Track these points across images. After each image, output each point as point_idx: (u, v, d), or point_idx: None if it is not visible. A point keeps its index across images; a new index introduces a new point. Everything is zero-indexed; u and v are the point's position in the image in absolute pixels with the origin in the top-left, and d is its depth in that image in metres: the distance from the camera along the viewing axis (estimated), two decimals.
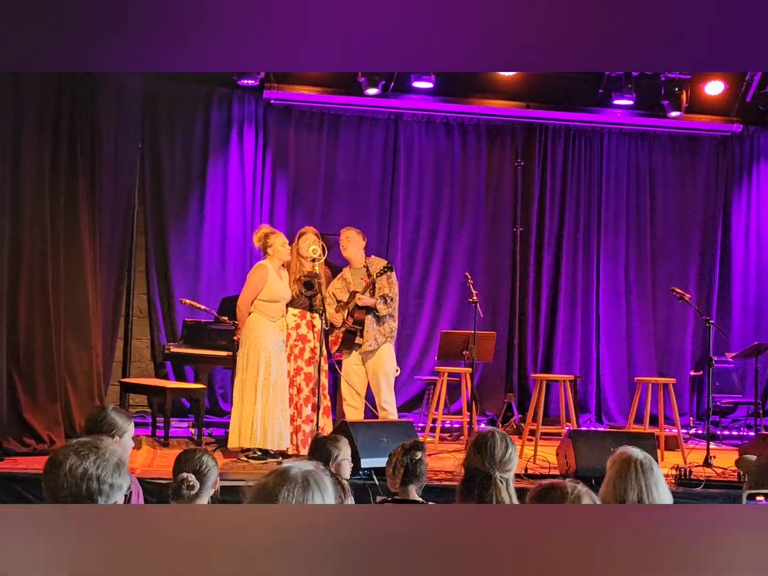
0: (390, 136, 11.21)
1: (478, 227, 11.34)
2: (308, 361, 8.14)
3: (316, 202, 11.00)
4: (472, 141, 11.39)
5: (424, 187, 11.28)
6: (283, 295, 7.94)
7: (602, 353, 11.47)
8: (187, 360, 9.64)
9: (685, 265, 11.68)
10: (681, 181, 11.72)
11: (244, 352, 7.80)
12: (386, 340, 8.20)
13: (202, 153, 10.77)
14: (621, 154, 11.65)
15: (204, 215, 10.74)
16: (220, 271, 10.76)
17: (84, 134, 8.65)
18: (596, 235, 11.52)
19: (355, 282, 8.25)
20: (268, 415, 7.73)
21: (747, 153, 11.86)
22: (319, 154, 11.06)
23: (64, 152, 8.39)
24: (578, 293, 11.43)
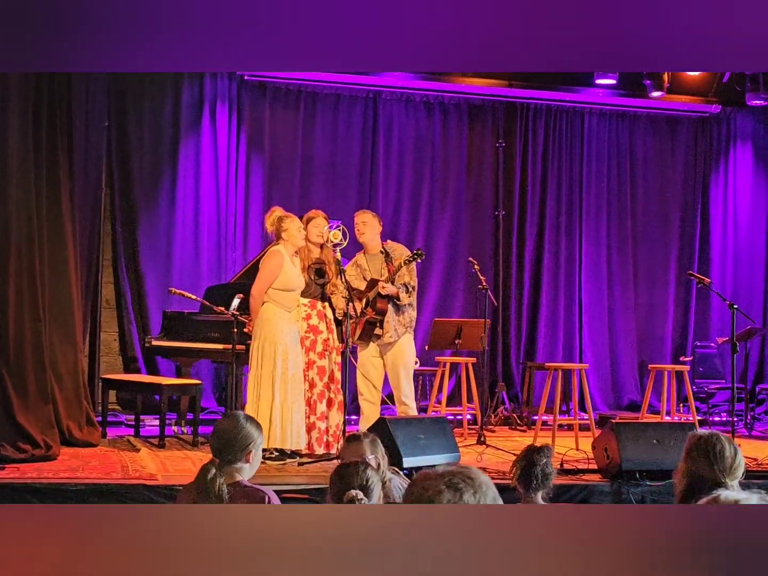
0: (369, 115, 10.72)
1: (460, 210, 10.97)
2: (321, 353, 7.61)
3: (294, 183, 10.46)
4: (453, 121, 11.00)
5: (404, 169, 10.84)
6: (299, 284, 7.40)
7: (585, 340, 11.21)
8: (171, 353, 8.99)
9: (666, 248, 11.52)
10: (661, 163, 11.56)
11: (259, 345, 7.23)
12: (406, 331, 7.72)
13: (172, 133, 10.12)
14: (602, 134, 11.41)
15: (176, 199, 10.10)
16: (194, 258, 10.14)
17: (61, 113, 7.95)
18: (578, 219, 11.27)
19: (373, 269, 7.75)
20: (287, 413, 7.19)
21: (724, 135, 11.76)
22: (295, 133, 10.51)
23: (44, 133, 7.68)
24: (561, 279, 11.16)
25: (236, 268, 10.13)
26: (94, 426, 8.00)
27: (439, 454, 6.72)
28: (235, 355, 7.89)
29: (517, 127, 11.10)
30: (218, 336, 8.55)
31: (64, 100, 7.97)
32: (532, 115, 11.15)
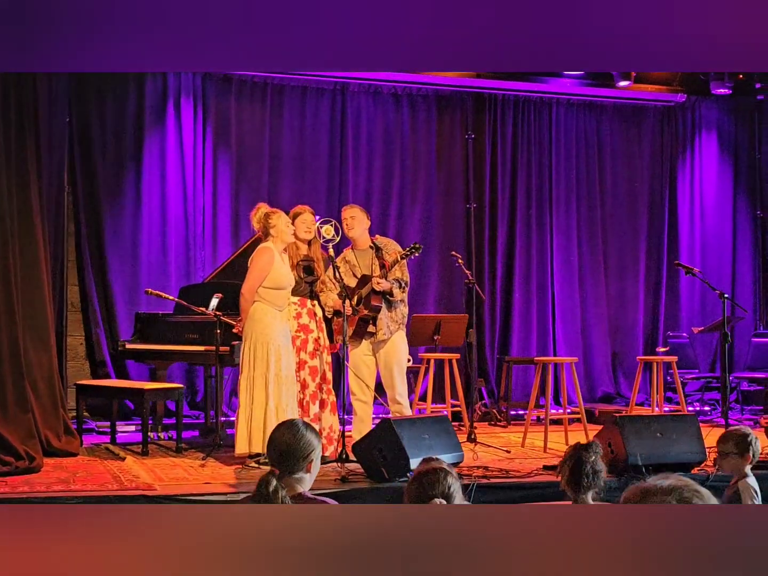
0: (337, 108, 10.47)
1: (431, 203, 10.79)
2: (312, 353, 7.37)
3: (262, 178, 10.18)
4: (421, 112, 10.81)
5: (373, 162, 10.62)
6: (290, 281, 7.13)
7: (558, 332, 11.11)
8: (146, 357, 8.66)
9: (635, 238, 11.48)
10: (628, 153, 11.52)
11: (250, 346, 6.95)
12: (399, 328, 7.50)
13: (136, 128, 9.76)
14: (569, 125, 11.32)
15: (141, 196, 9.74)
16: (161, 257, 9.80)
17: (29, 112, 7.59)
18: (548, 210, 11.16)
19: (363, 264, 7.51)
20: (282, 415, 6.89)
21: (689, 124, 11.75)
22: (262, 127, 10.22)
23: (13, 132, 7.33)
24: (533, 271, 11.04)
25: (205, 268, 9.86)
26: (72, 435, 7.65)
27: (444, 454, 6.50)
28: (219, 356, 7.63)
29: (486, 118, 10.95)
30: (197, 337, 8.27)
31: (31, 98, 7.62)
32: (500, 106, 11.01)
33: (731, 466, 5.09)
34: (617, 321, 11.38)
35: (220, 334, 7.57)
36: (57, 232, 8.83)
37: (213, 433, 8.19)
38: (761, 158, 11.79)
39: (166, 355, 8.41)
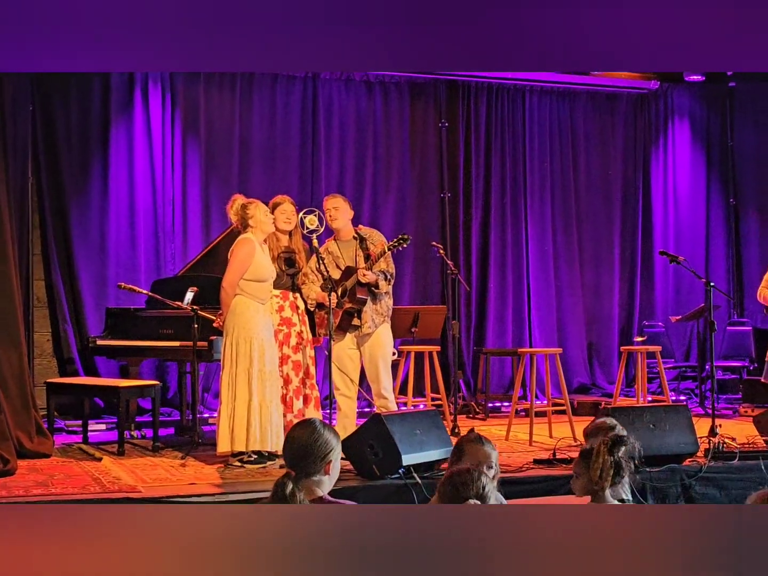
0: (308, 96, 10.23)
1: (405, 192, 10.59)
2: (295, 347, 7.14)
3: (232, 167, 9.91)
4: (394, 100, 10.60)
5: (346, 151, 10.39)
6: (271, 273, 6.90)
7: (534, 323, 10.97)
8: (118, 353, 8.38)
9: (609, 226, 11.38)
10: (602, 141, 11.41)
11: (232, 341, 6.70)
12: (384, 320, 7.29)
13: (102, 117, 9.46)
14: (543, 113, 11.18)
15: (108, 187, 9.44)
16: (130, 250, 9.51)
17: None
18: (523, 199, 11.01)
19: (346, 256, 7.28)
20: (266, 412, 6.68)
21: (662, 111, 11.67)
22: (232, 115, 9.95)
23: None
24: (508, 261, 10.89)
25: (176, 261, 9.60)
26: (45, 435, 7.35)
27: (436, 449, 6.33)
28: (196, 352, 7.37)
29: (459, 106, 10.77)
30: (172, 333, 8.00)
31: None
32: (474, 94, 10.84)
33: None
34: (593, 311, 11.27)
35: (198, 328, 7.31)
36: (21, 225, 8.50)
37: (189, 431, 7.95)
38: (733, 146, 11.73)
39: (139, 351, 8.14)
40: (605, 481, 4.01)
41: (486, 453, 4.30)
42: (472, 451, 4.31)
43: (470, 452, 4.30)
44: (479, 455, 4.20)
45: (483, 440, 4.35)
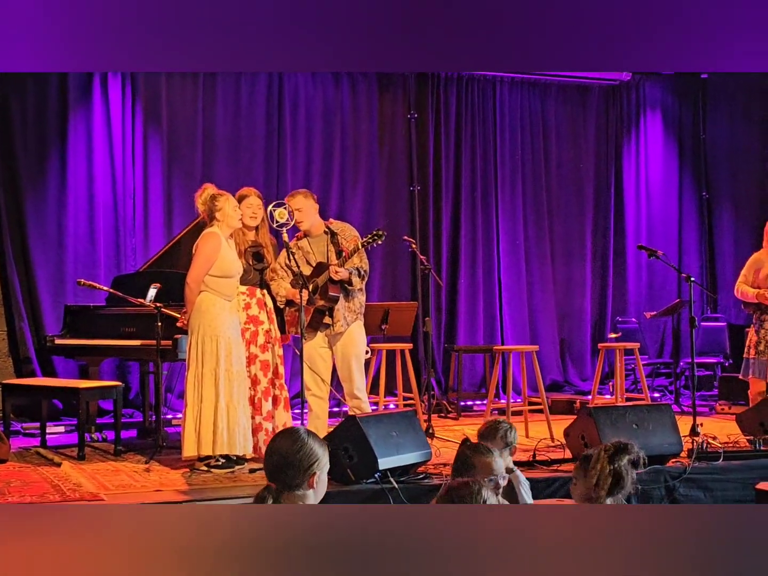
0: (273, 86, 9.92)
1: (373, 185, 10.32)
2: (263, 346, 6.85)
3: (195, 160, 9.58)
4: (362, 91, 10.32)
5: (312, 143, 10.10)
6: (238, 269, 6.60)
7: (505, 319, 10.73)
8: (78, 353, 8.03)
9: (581, 220, 11.18)
10: (573, 133, 11.21)
11: (198, 339, 6.40)
12: (356, 318, 7.00)
13: (59, 106, 9.09)
14: (514, 104, 10.95)
15: (66, 179, 9.07)
16: (89, 245, 9.16)
17: None
18: (494, 192, 10.78)
19: (317, 251, 6.98)
20: (234, 414, 6.39)
21: (634, 103, 11.50)
22: (195, 105, 9.61)
23: None
24: (479, 256, 10.64)
25: (137, 256, 9.26)
26: (1, 439, 7.01)
27: (413, 452, 6.07)
28: (160, 351, 7.05)
29: (428, 97, 10.51)
30: (135, 331, 7.67)
31: None
32: (443, 85, 10.59)
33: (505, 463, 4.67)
34: (564, 306, 11.07)
35: (161, 326, 6.99)
36: None
37: (153, 434, 7.64)
38: (706, 138, 11.56)
39: (100, 350, 7.80)
40: (602, 489, 3.77)
41: (497, 465, 4.11)
42: (482, 465, 4.10)
43: (481, 465, 4.10)
44: (491, 468, 4.03)
45: (492, 450, 4.14)
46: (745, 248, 10.52)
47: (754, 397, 8.15)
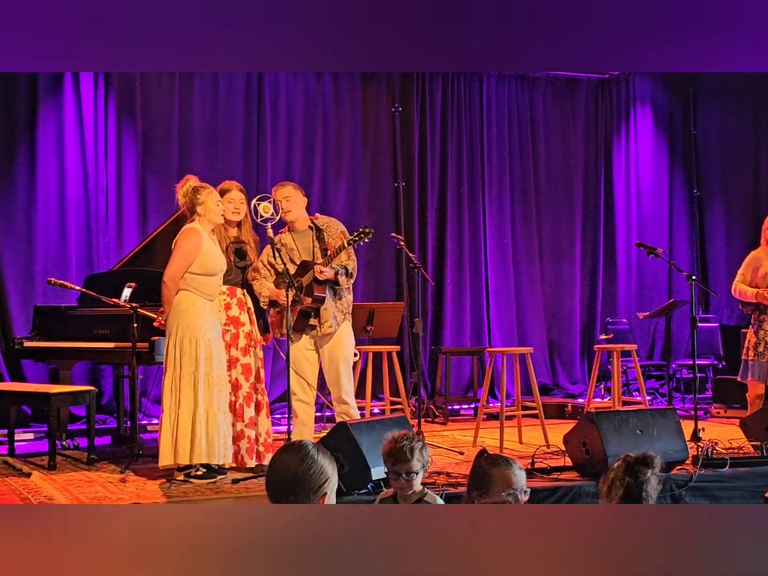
0: (253, 79, 9.54)
1: (356, 182, 9.95)
2: (244, 349, 6.45)
3: (171, 155, 9.19)
4: (344, 84, 9.96)
5: (293, 137, 9.73)
6: (221, 266, 6.22)
7: (492, 320, 10.38)
8: (48, 356, 7.61)
9: (570, 218, 10.86)
10: (562, 128, 10.89)
11: (176, 341, 6.01)
12: (345, 318, 6.64)
13: (28, 98, 8.70)
14: (501, 98, 10.62)
15: (35, 174, 8.67)
16: (60, 243, 8.76)
17: None
18: (481, 188, 10.44)
19: (302, 248, 6.60)
20: (213, 421, 6.01)
21: (624, 97, 11.21)
22: (171, 98, 9.22)
23: None
24: (466, 254, 10.29)
25: (110, 255, 8.86)
26: None
27: None
28: (136, 354, 6.65)
29: (413, 90, 10.16)
30: (108, 333, 7.26)
31: None
32: (428, 77, 10.24)
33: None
34: (553, 307, 10.74)
35: (137, 328, 6.60)
36: None
37: (128, 442, 7.24)
38: (697, 134, 11.27)
39: (71, 353, 7.38)
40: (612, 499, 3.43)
41: (518, 477, 3.73)
42: (501, 477, 3.72)
43: (500, 478, 3.72)
44: (511, 481, 3.66)
45: (511, 462, 3.77)
46: (737, 247, 10.27)
47: (752, 401, 7.86)
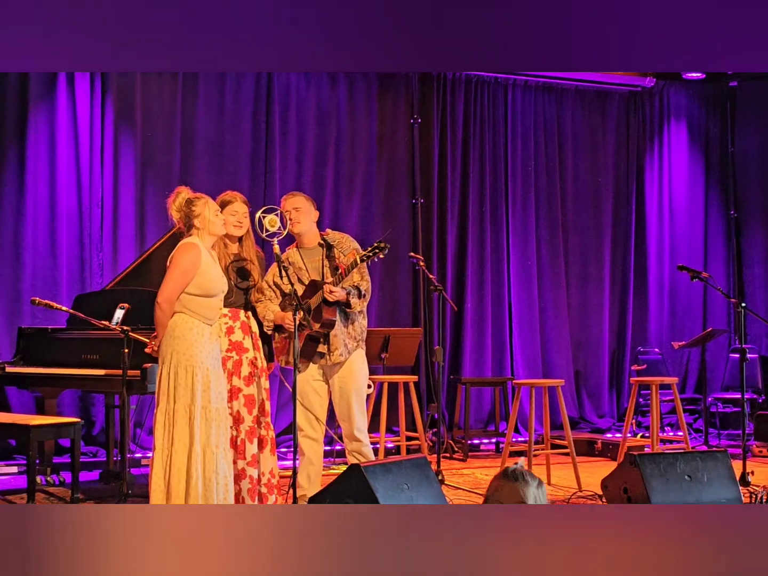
0: (262, 85, 8.92)
1: (371, 197, 9.32)
2: (248, 378, 5.77)
3: (173, 166, 8.57)
4: (360, 93, 9.34)
5: (304, 150, 9.10)
6: (222, 287, 5.53)
7: (515, 348, 9.68)
8: (31, 383, 6.97)
9: (598, 239, 10.19)
10: (592, 143, 10.25)
11: (170, 370, 5.31)
12: (357, 346, 5.95)
13: (18, 103, 8.09)
14: (527, 110, 9.98)
15: (24, 185, 8.06)
16: (50, 259, 8.14)
17: None
18: (504, 207, 9.79)
19: (311, 267, 5.93)
20: (211, 460, 5.32)
21: (657, 111, 10.54)
22: (173, 105, 8.60)
23: None
24: (487, 278, 9.62)
25: (104, 273, 8.25)
26: None
27: None
28: (127, 383, 5.98)
29: (434, 100, 9.52)
30: (97, 358, 6.62)
31: None
32: (450, 86, 9.60)
33: None
34: (580, 335, 10.05)
35: (129, 353, 5.93)
36: None
37: (117, 480, 6.57)
38: (735, 152, 10.58)
39: (56, 380, 6.73)
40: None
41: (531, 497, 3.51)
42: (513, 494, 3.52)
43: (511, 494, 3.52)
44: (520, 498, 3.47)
45: (530, 480, 3.54)
46: None
47: None
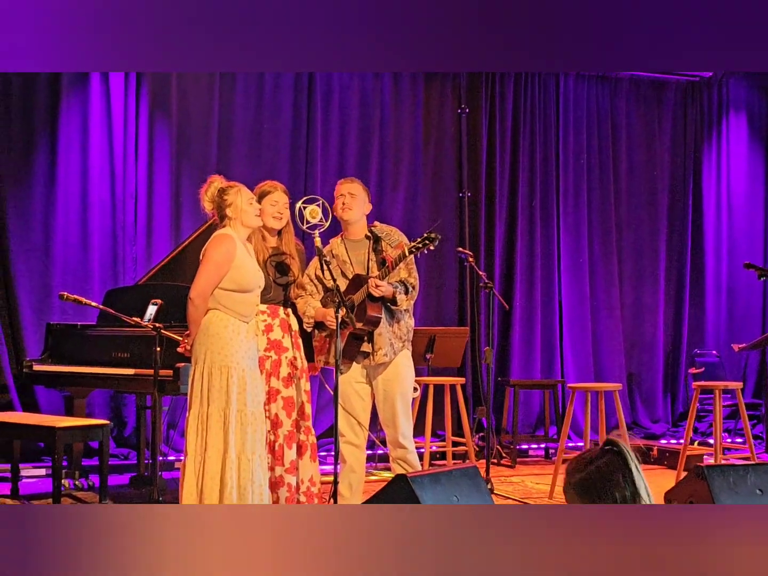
0: (303, 74, 8.60)
1: (416, 191, 8.98)
2: (287, 380, 5.42)
3: (209, 156, 8.28)
4: (405, 81, 9.00)
5: (347, 139, 8.79)
6: (258, 281, 5.18)
7: (566, 349, 9.29)
8: (60, 382, 6.69)
9: (653, 236, 9.78)
10: (647, 136, 9.85)
11: (203, 371, 4.98)
12: (403, 346, 5.57)
13: (49, 91, 7.81)
14: (579, 101, 9.59)
15: (56, 176, 7.79)
16: (81, 252, 7.88)
17: None
18: (555, 202, 9.40)
19: (356, 260, 5.56)
20: (247, 467, 4.98)
21: (716, 102, 10.10)
22: (211, 92, 8.31)
23: None
24: (537, 276, 9.23)
25: (138, 267, 7.98)
26: None
27: None
28: (158, 383, 5.64)
29: (482, 90, 9.15)
30: (128, 357, 6.31)
31: None
32: (499, 75, 9.23)
33: None
34: (633, 335, 9.64)
35: (161, 352, 5.60)
36: None
37: (148, 485, 6.25)
38: None
39: (85, 379, 6.46)
40: None
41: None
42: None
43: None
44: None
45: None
46: None
47: None
